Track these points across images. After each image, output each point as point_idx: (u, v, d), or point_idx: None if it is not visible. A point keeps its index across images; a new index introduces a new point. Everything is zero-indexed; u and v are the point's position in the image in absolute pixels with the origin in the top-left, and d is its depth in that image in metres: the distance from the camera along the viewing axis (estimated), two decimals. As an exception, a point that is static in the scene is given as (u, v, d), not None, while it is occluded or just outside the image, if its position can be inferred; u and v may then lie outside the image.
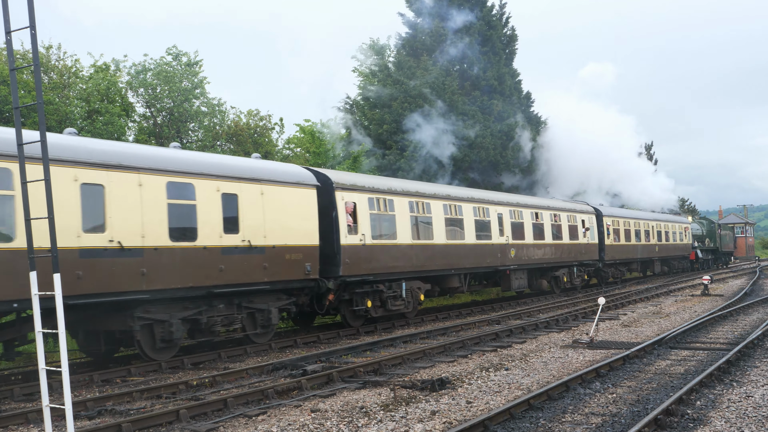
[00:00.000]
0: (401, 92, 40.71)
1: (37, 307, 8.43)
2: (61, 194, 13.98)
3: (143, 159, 16.42)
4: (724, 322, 23.44)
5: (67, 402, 8.14)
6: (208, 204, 17.51)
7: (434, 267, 25.90)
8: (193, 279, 16.99)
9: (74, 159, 14.87)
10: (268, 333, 19.97)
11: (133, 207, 15.80)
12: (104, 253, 15.16)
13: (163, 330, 16.81)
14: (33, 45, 8.33)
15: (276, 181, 19.66)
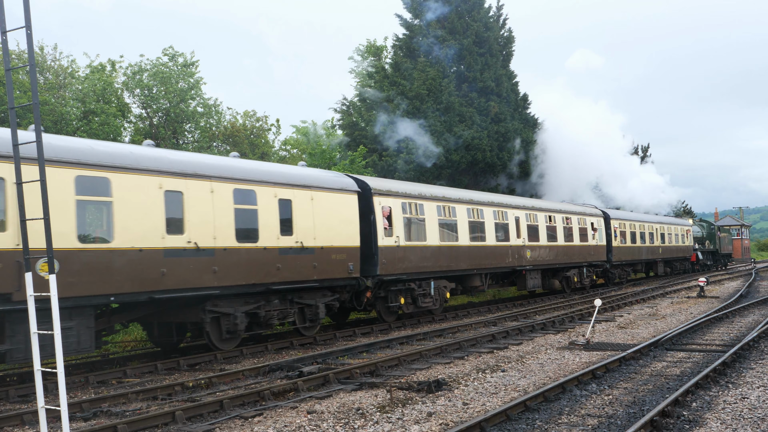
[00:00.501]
0: (397, 93, 40.73)
1: (33, 308, 8.41)
2: (149, 200, 16.04)
3: (214, 168, 18.08)
4: (720, 324, 23.46)
5: (63, 403, 8.13)
6: (267, 208, 19.17)
7: (459, 267, 27.40)
8: (255, 276, 18.64)
9: (159, 169, 16.50)
10: (315, 326, 21.75)
11: (207, 211, 17.49)
12: (183, 252, 16.78)
13: (228, 322, 18.45)
14: (29, 45, 8.32)
15: (323, 187, 21.38)
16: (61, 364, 8.18)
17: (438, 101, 41.79)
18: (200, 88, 36.58)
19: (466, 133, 42.20)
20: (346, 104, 46.61)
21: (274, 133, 43.78)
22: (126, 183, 15.57)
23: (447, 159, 41.30)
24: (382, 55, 48.03)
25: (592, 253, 40.12)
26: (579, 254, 38.41)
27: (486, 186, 45.38)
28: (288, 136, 47.71)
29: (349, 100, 46.60)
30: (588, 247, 39.62)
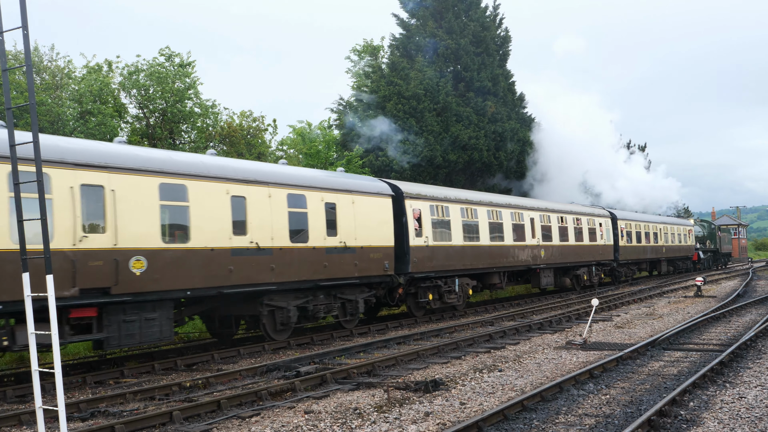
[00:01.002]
0: (395, 93, 40.70)
1: (30, 308, 8.40)
2: (218, 204, 17.91)
3: (271, 175, 19.99)
4: (717, 323, 23.49)
5: (60, 404, 8.12)
6: (315, 211, 21.04)
7: (480, 265, 29.18)
8: (305, 273, 20.47)
9: (226, 176, 18.41)
10: (354, 320, 23.35)
11: (265, 215, 19.27)
12: (246, 252, 18.57)
13: (282, 315, 20.30)
14: (25, 46, 8.30)
15: (362, 191, 23.23)
16: (58, 364, 8.17)
17: (435, 101, 41.77)
18: (197, 88, 36.52)
19: (463, 133, 42.20)
20: (342, 104, 46.58)
21: (270, 133, 43.69)
22: (199, 189, 17.44)
23: (444, 159, 41.29)
24: (379, 54, 47.97)
25: (600, 252, 41.82)
26: (588, 253, 40.15)
27: (482, 186, 45.40)
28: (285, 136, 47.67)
29: (345, 100, 46.58)
30: (597, 247, 41.37)
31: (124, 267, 15.49)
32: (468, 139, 42.44)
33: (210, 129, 37.90)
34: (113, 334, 15.48)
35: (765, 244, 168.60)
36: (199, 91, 36.66)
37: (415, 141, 39.79)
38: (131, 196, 15.82)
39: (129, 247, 15.59)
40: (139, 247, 15.88)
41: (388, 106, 40.44)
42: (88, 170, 15.18)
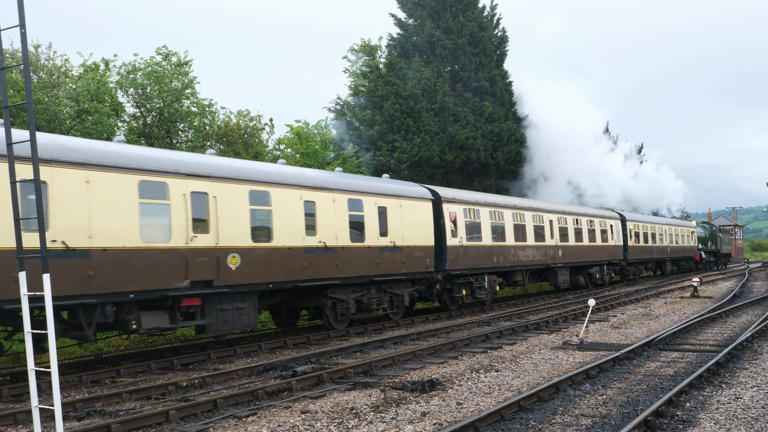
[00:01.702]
0: (392, 93, 40.70)
1: (26, 307, 8.39)
2: (294, 208, 20.43)
3: (335, 182, 22.51)
4: (714, 324, 23.51)
5: (57, 403, 8.11)
6: (370, 214, 23.53)
7: (506, 264, 31.64)
8: (362, 270, 22.94)
9: (300, 183, 20.91)
10: (399, 312, 25.80)
11: (330, 217, 21.74)
12: (316, 250, 21.03)
13: (342, 306, 22.74)
14: (23, 44, 8.29)
15: (408, 196, 25.76)
16: (54, 363, 8.16)
17: (432, 101, 41.77)
18: (194, 88, 36.46)
19: (460, 133, 42.21)
20: (340, 104, 46.56)
21: (267, 132, 43.67)
22: (280, 195, 19.93)
23: (441, 159, 41.29)
24: (376, 54, 47.93)
25: (611, 252, 44.42)
26: (601, 253, 42.80)
27: (479, 186, 45.41)
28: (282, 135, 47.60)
29: (343, 100, 46.54)
30: (608, 247, 43.95)
31: (223, 263, 18.00)
32: (465, 139, 42.45)
33: (207, 128, 37.87)
34: (213, 321, 18.05)
35: (761, 245, 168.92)
36: (196, 91, 36.61)
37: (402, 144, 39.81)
38: (228, 202, 18.37)
39: (227, 245, 18.17)
40: (235, 245, 18.36)
41: (386, 105, 40.44)
42: (196, 179, 17.62)
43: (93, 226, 15.24)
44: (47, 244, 12.47)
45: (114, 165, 15.83)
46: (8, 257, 13.51)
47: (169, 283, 16.72)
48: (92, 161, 15.46)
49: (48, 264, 8.26)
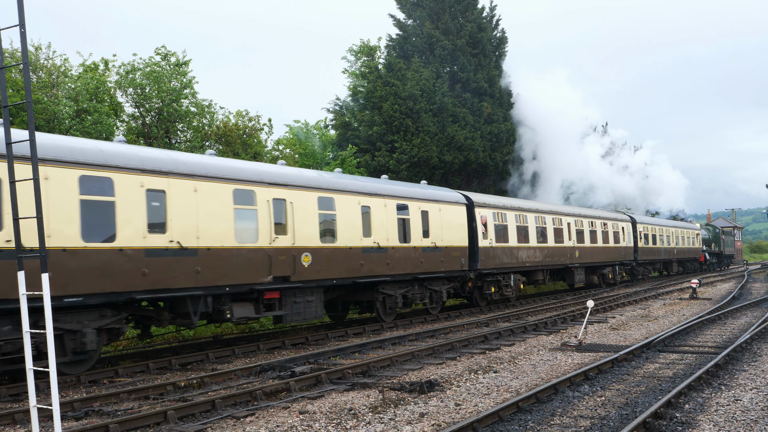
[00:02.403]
0: (391, 94, 40.69)
1: (25, 306, 8.37)
2: (353, 212, 22.94)
3: (386, 189, 25.13)
4: (713, 325, 23.51)
5: (55, 402, 8.09)
6: (415, 218, 26.04)
7: (529, 264, 34.02)
8: (408, 268, 25.31)
9: (357, 190, 23.52)
10: (437, 307, 28.52)
11: (383, 220, 24.27)
12: (371, 250, 23.58)
13: (391, 301, 25.21)
14: (22, 43, 8.27)
15: (445, 201, 28.17)
16: (53, 363, 8.14)
17: (431, 102, 41.77)
18: (193, 88, 36.42)
19: (459, 133, 42.21)
20: (339, 104, 46.55)
21: (266, 132, 43.65)
22: (342, 201, 22.46)
23: (439, 159, 41.29)
24: (375, 55, 47.93)
25: (622, 253, 46.97)
26: (613, 254, 45.29)
27: (478, 187, 45.40)
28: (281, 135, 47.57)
29: (342, 100, 46.54)
30: (620, 248, 46.52)
31: (298, 260, 20.43)
32: (464, 139, 42.47)
33: (206, 128, 37.84)
34: (288, 312, 20.42)
35: (760, 247, 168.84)
36: (195, 91, 36.58)
37: (401, 145, 39.81)
38: (302, 207, 20.85)
39: (301, 245, 20.62)
40: (307, 245, 20.78)
41: (385, 106, 40.43)
42: (277, 188, 20.17)
43: (200, 229, 17.65)
44: (165, 244, 16.77)
45: (214, 176, 18.27)
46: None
47: (256, 278, 19.19)
48: (198, 172, 17.84)
49: (47, 264, 8.22)
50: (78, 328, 15.41)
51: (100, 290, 15.41)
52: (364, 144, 40.83)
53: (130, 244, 15.96)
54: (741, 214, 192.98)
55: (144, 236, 16.29)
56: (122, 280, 15.76)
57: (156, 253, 16.47)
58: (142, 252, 16.16)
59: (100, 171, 15.64)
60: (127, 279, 15.86)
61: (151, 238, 16.36)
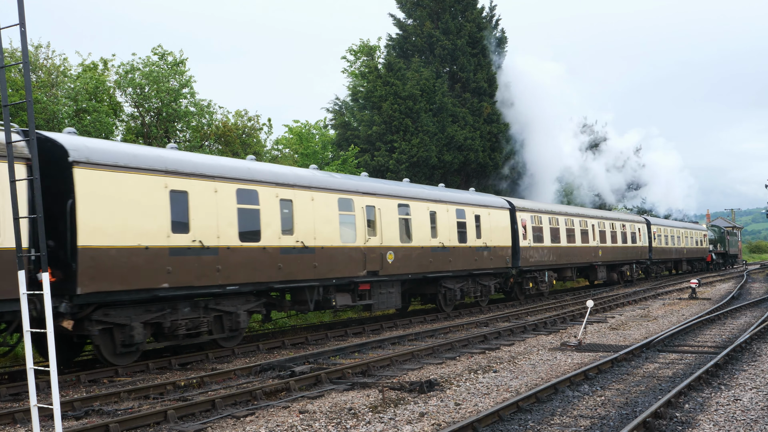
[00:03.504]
0: (391, 93, 40.67)
1: (26, 306, 8.36)
2: (423, 216, 26.65)
3: (449, 197, 28.73)
4: (712, 325, 23.51)
5: (56, 402, 8.09)
6: (470, 221, 29.59)
7: (560, 262, 37.72)
8: (465, 265, 29.03)
9: (427, 198, 27.24)
10: (486, 299, 31.90)
11: (446, 223, 27.93)
12: (438, 249, 27.14)
13: (451, 294, 28.85)
14: (23, 43, 8.27)
15: (493, 206, 31.87)
16: (53, 362, 8.14)
17: (431, 101, 41.76)
18: (192, 87, 36.42)
19: (459, 133, 42.20)
20: (338, 104, 46.53)
21: (266, 132, 43.65)
22: (415, 206, 26.22)
23: (439, 159, 41.28)
24: (375, 55, 47.92)
25: (638, 252, 50.94)
26: (631, 253, 49.22)
27: (478, 187, 45.39)
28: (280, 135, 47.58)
29: (341, 100, 46.52)
30: (637, 248, 50.44)
31: (384, 258, 24.12)
32: (464, 139, 42.45)
33: (205, 128, 37.83)
34: (376, 301, 24.24)
35: (759, 247, 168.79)
36: (194, 90, 36.58)
37: (401, 145, 39.78)
38: (386, 212, 24.62)
39: (387, 245, 24.32)
40: (391, 245, 24.47)
41: (384, 106, 40.41)
42: (369, 196, 23.95)
43: (316, 231, 21.25)
44: (293, 244, 20.37)
45: (325, 187, 22.03)
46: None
47: (354, 272, 22.85)
48: (314, 185, 21.58)
49: (47, 263, 8.22)
50: (233, 310, 19.02)
51: (250, 281, 18.95)
52: (364, 144, 40.81)
53: (270, 243, 19.63)
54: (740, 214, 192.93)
55: (279, 237, 19.97)
56: (265, 273, 19.39)
57: (287, 251, 20.13)
58: (278, 250, 19.91)
59: (249, 185, 19.24)
60: (268, 272, 19.51)
61: (284, 238, 20.03)
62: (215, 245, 17.86)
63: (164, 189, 16.88)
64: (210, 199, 17.94)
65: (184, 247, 17.14)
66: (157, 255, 16.52)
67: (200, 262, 17.47)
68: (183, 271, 17.02)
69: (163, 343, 17.74)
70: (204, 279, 17.58)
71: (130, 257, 15.99)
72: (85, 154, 15.46)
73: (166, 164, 17.13)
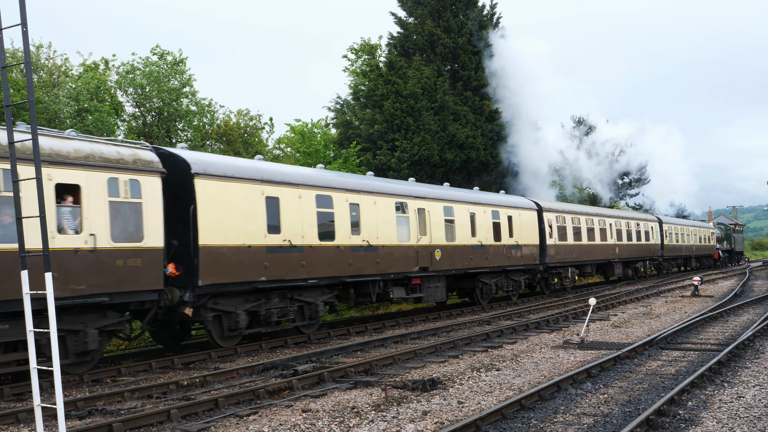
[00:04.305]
0: (392, 92, 40.66)
1: (29, 305, 8.35)
2: (464, 217, 29.04)
3: (485, 199, 31.39)
4: (715, 323, 23.49)
5: (59, 401, 8.09)
6: (504, 221, 31.96)
7: (581, 259, 40.39)
8: (500, 261, 31.49)
9: (467, 200, 29.75)
10: (516, 293, 34.44)
11: (483, 223, 30.34)
12: (477, 247, 29.69)
13: (487, 288, 31.28)
14: (24, 42, 8.25)
15: (523, 207, 34.51)
16: (57, 362, 8.14)
17: (432, 100, 41.74)
18: (192, 86, 36.45)
19: (460, 131, 42.18)
20: (340, 103, 46.52)
21: (267, 131, 43.70)
22: (458, 208, 28.60)
23: (440, 157, 41.27)
24: (376, 53, 47.92)
25: (651, 250, 53.40)
26: (644, 251, 51.78)
27: (480, 185, 45.34)
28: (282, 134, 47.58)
29: (342, 99, 46.51)
30: (649, 246, 52.92)
31: (433, 255, 26.51)
32: (465, 138, 42.43)
33: (207, 127, 37.86)
34: (425, 294, 26.61)
35: (762, 244, 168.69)
36: (195, 89, 36.60)
37: (402, 144, 39.75)
38: (434, 214, 27.03)
39: (435, 244, 26.74)
40: (438, 244, 26.90)
41: (386, 104, 40.40)
42: (420, 200, 26.42)
43: (378, 231, 23.84)
44: (360, 242, 22.95)
45: (385, 192, 24.69)
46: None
47: (408, 268, 25.35)
48: (376, 190, 24.29)
49: (50, 263, 8.20)
50: (312, 300, 21.62)
51: (327, 275, 21.57)
52: (366, 142, 40.80)
53: (342, 242, 22.21)
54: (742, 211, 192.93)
55: (349, 237, 22.49)
56: (338, 268, 21.96)
57: (356, 248, 22.67)
58: (348, 248, 22.48)
59: (325, 191, 21.85)
60: (341, 267, 22.09)
61: (353, 238, 22.54)
62: (300, 244, 20.58)
63: (261, 195, 19.54)
64: (295, 203, 20.66)
65: (277, 245, 19.82)
66: (257, 252, 19.20)
67: (289, 259, 20.18)
68: (276, 266, 19.72)
69: (257, 329, 20.39)
70: (292, 273, 20.23)
71: (237, 254, 18.63)
72: (202, 167, 18.07)
73: (262, 174, 19.81)
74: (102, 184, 15.75)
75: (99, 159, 15.85)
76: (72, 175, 15.29)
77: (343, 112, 45.74)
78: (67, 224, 15.20)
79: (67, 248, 15.06)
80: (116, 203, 16.01)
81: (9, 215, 13.92)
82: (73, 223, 15.29)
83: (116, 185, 16.06)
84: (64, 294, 14.66)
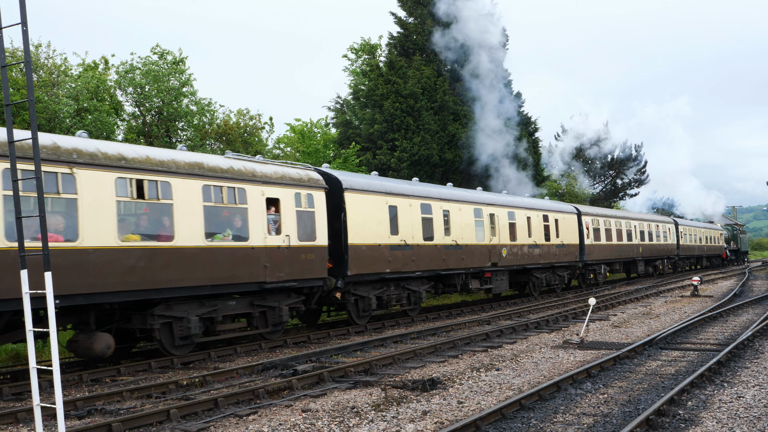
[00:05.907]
0: (392, 92, 40.65)
1: (28, 305, 8.34)
2: (523, 221, 33.55)
3: (538, 204, 36.58)
4: (714, 323, 23.49)
5: (59, 401, 8.08)
6: (552, 224, 36.44)
7: (612, 257, 45.08)
8: (549, 259, 36.14)
9: (524, 206, 34.51)
10: (560, 287, 39.04)
11: (537, 226, 34.72)
12: (533, 246, 34.15)
13: (539, 282, 35.82)
14: (24, 42, 8.24)
15: (565, 212, 38.94)
16: (56, 362, 8.13)
17: (432, 99, 41.73)
18: (192, 85, 36.43)
19: (460, 131, 42.17)
20: (340, 102, 46.51)
21: (267, 131, 43.68)
22: (518, 213, 33.35)
23: (440, 157, 41.26)
24: (376, 53, 47.91)
25: (668, 249, 58.12)
26: (663, 250, 56.59)
27: (481, 185, 45.32)
28: (282, 134, 47.57)
29: (342, 99, 46.50)
30: (667, 245, 57.73)
31: (501, 253, 31.20)
32: (465, 138, 42.41)
33: (206, 127, 37.84)
34: (495, 286, 31.04)
35: (761, 244, 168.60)
36: (195, 89, 36.57)
37: (402, 143, 39.74)
38: (501, 218, 31.77)
39: (502, 243, 31.36)
40: (504, 243, 31.49)
41: (386, 104, 40.40)
42: (490, 206, 31.18)
43: (462, 232, 28.64)
44: (450, 243, 27.54)
45: (465, 200, 29.38)
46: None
47: (483, 263, 29.93)
48: (460, 199, 29.18)
49: (50, 262, 8.19)
50: (417, 289, 26.61)
51: (429, 268, 26.47)
52: (366, 142, 40.79)
53: (438, 242, 27.04)
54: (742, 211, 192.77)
55: (443, 237, 27.28)
56: (435, 263, 26.86)
57: (448, 247, 27.45)
58: (443, 247, 27.25)
59: (426, 200, 26.79)
60: (437, 262, 26.90)
61: (445, 238, 27.33)
62: (412, 243, 25.45)
63: (385, 204, 24.53)
64: (408, 211, 25.62)
65: (396, 244, 24.71)
66: (383, 250, 24.11)
67: (404, 255, 25.05)
68: (396, 261, 24.66)
69: (381, 311, 26.07)
70: (406, 267, 25.16)
71: (371, 251, 23.52)
72: (349, 183, 23.16)
73: (386, 188, 24.90)
74: (291, 198, 20.57)
75: (289, 179, 20.68)
76: (274, 191, 20.02)
77: (343, 111, 45.75)
78: (272, 228, 19.74)
79: (275, 245, 19.73)
80: (300, 212, 20.79)
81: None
82: (275, 226, 19.89)
83: (299, 198, 20.89)
84: (273, 279, 19.55)
